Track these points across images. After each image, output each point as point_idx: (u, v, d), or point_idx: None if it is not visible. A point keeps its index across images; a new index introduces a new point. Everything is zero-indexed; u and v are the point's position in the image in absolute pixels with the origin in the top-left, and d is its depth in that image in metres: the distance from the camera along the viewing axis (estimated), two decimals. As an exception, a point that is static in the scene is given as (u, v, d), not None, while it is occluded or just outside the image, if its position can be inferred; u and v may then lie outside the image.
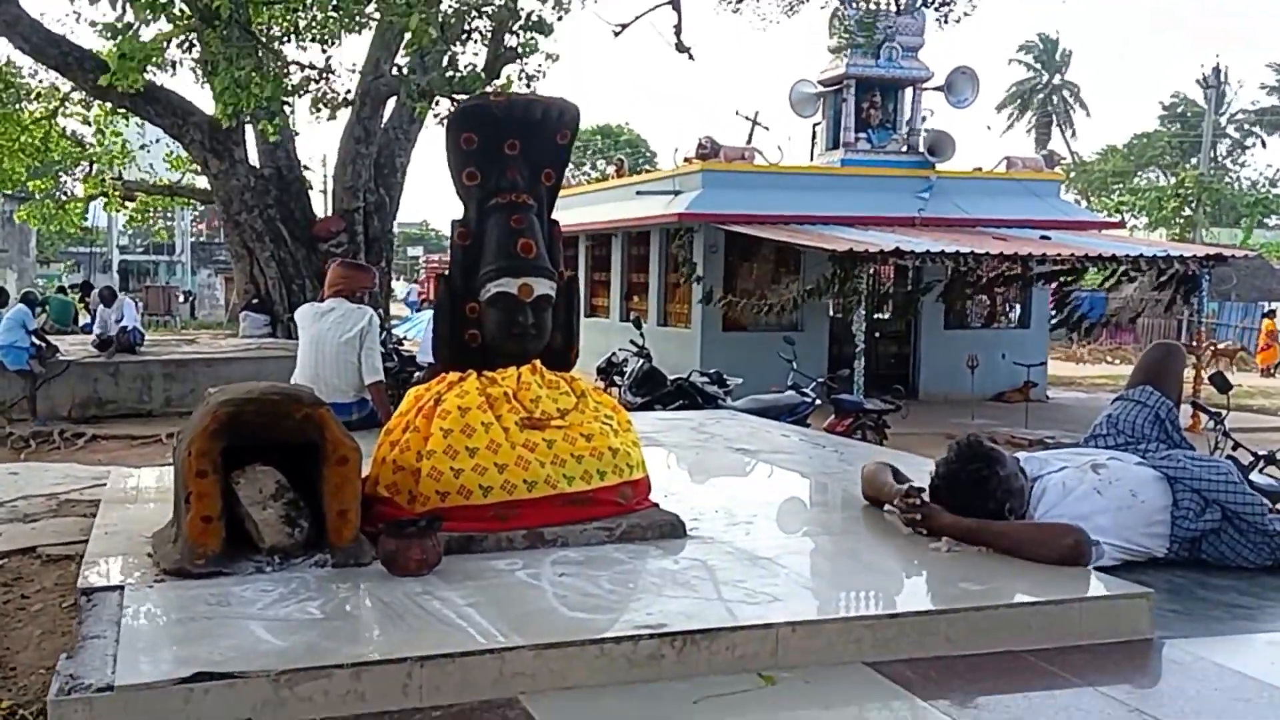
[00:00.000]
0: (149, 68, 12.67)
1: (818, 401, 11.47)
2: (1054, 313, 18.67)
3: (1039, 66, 61.41)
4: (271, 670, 2.37)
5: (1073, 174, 54.67)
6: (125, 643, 2.53)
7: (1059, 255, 15.77)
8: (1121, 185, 52.85)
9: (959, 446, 3.67)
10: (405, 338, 19.70)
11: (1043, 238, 17.09)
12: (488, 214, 3.78)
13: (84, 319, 21.00)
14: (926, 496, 3.67)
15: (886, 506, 3.84)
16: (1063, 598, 3.00)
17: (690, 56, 11.62)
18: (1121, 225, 27.61)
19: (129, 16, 12.87)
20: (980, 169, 20.00)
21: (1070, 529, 3.37)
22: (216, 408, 3.12)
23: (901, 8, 13.61)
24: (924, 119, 19.53)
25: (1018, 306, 19.53)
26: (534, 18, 14.11)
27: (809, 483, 5.02)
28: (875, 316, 18.29)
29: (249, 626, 2.65)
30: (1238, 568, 3.71)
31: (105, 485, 4.77)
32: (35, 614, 3.28)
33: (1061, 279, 17.72)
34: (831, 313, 17.89)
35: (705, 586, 3.08)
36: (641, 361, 12.63)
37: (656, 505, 3.80)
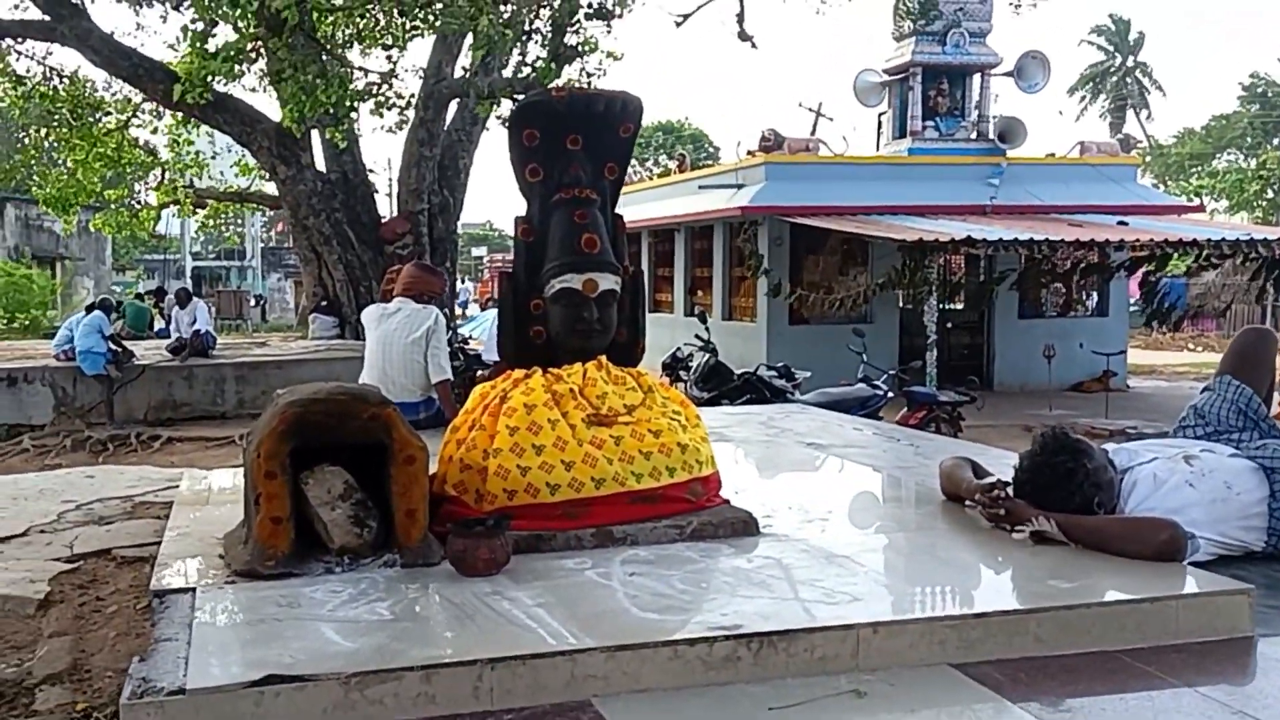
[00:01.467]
0: (217, 78, 12.84)
1: (890, 394, 11.28)
2: (1139, 302, 18.24)
3: (1111, 49, 60.14)
4: (342, 673, 2.33)
5: (1149, 158, 53.49)
6: (197, 645, 2.52)
7: (1137, 241, 15.38)
8: (1200, 168, 51.58)
9: (1044, 438, 3.54)
10: (470, 336, 19.79)
11: (1120, 223, 16.71)
12: (551, 210, 3.73)
13: (159, 324, 21.39)
14: (1010, 491, 3.55)
15: (967, 502, 3.72)
16: (1158, 595, 2.87)
17: (753, 45, 11.54)
18: (1202, 209, 26.91)
19: (198, 25, 13.09)
20: (1054, 154, 19.61)
21: (1164, 523, 3.23)
22: (284, 409, 3.10)
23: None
24: (995, 102, 19.21)
25: (1095, 294, 19.09)
26: (597, 5, 14.06)
27: (884, 478, 4.91)
28: (947, 307, 18.01)
29: (319, 628, 2.62)
30: (1340, 561, 3.54)
31: (179, 487, 4.81)
32: (110, 616, 3.29)
33: (1146, 267, 17.30)
34: (902, 304, 17.65)
35: (781, 586, 3.00)
36: (707, 356, 12.54)
37: (727, 502, 3.71)
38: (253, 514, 3.09)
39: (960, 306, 18.98)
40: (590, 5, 14.17)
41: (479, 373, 11.94)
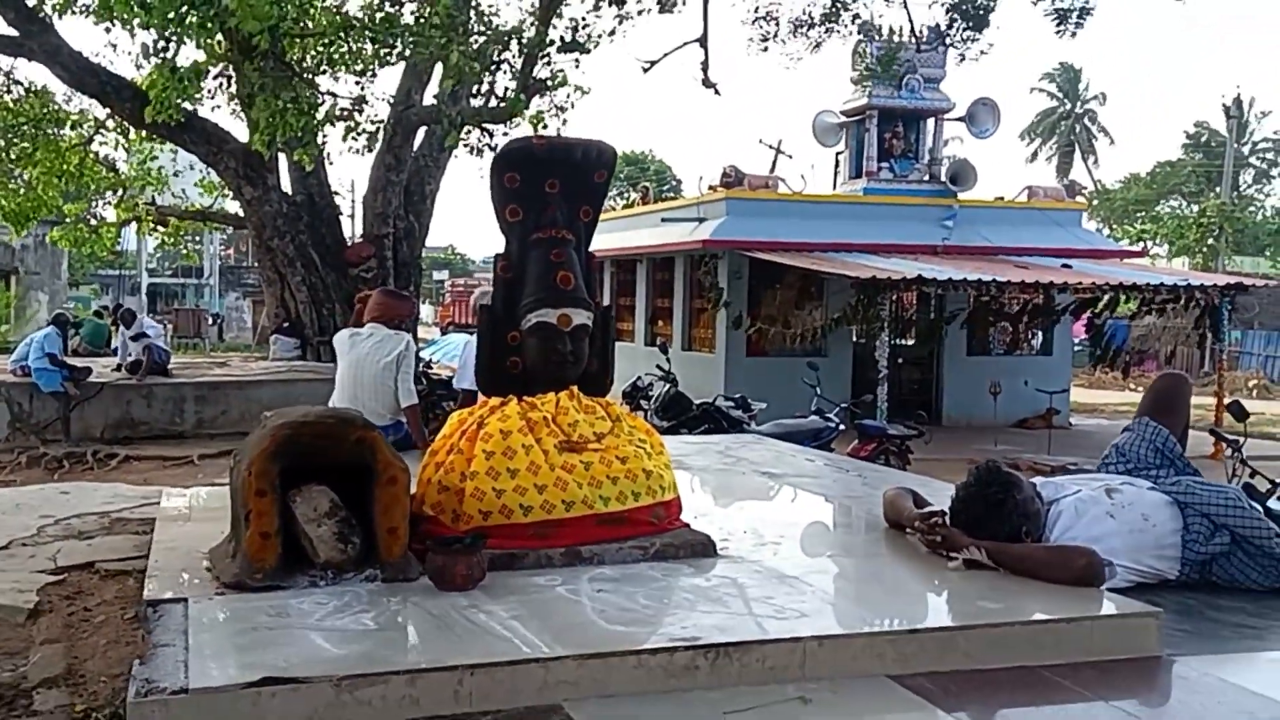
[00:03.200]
0: (186, 99, 12.94)
1: (841, 427, 11.59)
2: (1085, 342, 18.72)
3: (1061, 95, 61.49)
4: (333, 676, 2.55)
5: (1095, 201, 54.57)
6: (194, 650, 2.72)
7: (1080, 283, 15.87)
8: (1144, 213, 52.76)
9: (978, 471, 3.83)
10: (433, 360, 19.91)
11: (1064, 266, 17.21)
12: (529, 248, 3.98)
13: (116, 341, 21.30)
14: (947, 520, 3.82)
15: (908, 530, 3.99)
16: (1075, 616, 3.15)
17: (717, 92, 11.88)
18: (1144, 254, 27.66)
19: (165, 46, 13.19)
20: (1002, 198, 20.13)
21: (1084, 551, 3.52)
22: (275, 430, 3.31)
23: (921, 45, 13.82)
24: (945, 146, 19.72)
25: (1040, 334, 19.59)
26: (568, 39, 14.33)
27: (833, 506, 5.18)
28: (899, 343, 18.41)
29: (308, 636, 2.84)
30: (1247, 590, 3.84)
31: (154, 504, 4.98)
32: (99, 625, 3.47)
33: (1092, 310, 17.82)
34: (855, 339, 18.02)
35: (736, 603, 3.25)
36: (667, 386, 12.80)
37: (688, 525, 3.96)
38: (242, 529, 3.29)
39: (911, 343, 19.41)
40: (560, 39, 14.45)
41: (440, 397, 12.11)
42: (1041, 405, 17.64)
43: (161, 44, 12.58)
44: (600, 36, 15.17)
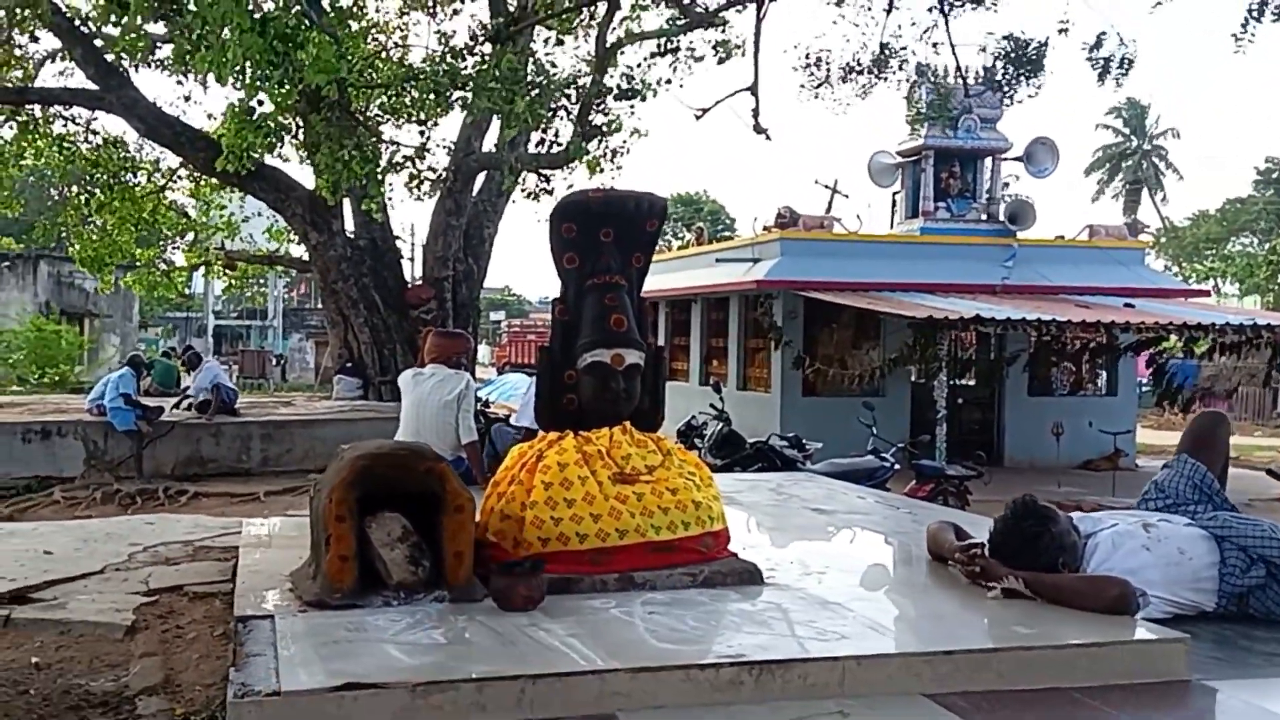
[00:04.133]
0: (264, 150, 13.45)
1: (896, 467, 11.65)
2: (1149, 383, 18.56)
3: (1128, 131, 60.93)
4: (409, 682, 2.79)
5: (1163, 239, 54.02)
6: (283, 659, 2.98)
7: (1142, 323, 15.80)
8: (1214, 251, 52.09)
9: (1015, 505, 4.00)
10: (489, 400, 20.23)
11: (1126, 305, 17.12)
12: (585, 293, 4.25)
13: (185, 381, 21.85)
14: (986, 551, 3.99)
15: (949, 561, 4.16)
16: (1105, 640, 3.31)
17: (768, 138, 12.14)
18: (1208, 294, 27.38)
19: (242, 99, 13.71)
20: (1063, 236, 20.10)
21: (1116, 581, 3.67)
22: (352, 461, 3.58)
23: (969, 91, 14.00)
24: (1005, 186, 19.78)
25: (1104, 373, 19.47)
26: (625, 87, 14.68)
27: (880, 539, 5.34)
28: (958, 383, 18.41)
29: (384, 648, 3.09)
30: (1282, 622, 3.96)
31: (233, 534, 5.29)
32: (191, 641, 3.75)
33: (1155, 350, 17.68)
34: (914, 378, 18.02)
35: (780, 625, 3.45)
36: (721, 425, 12.97)
37: (736, 555, 4.17)
38: (322, 552, 3.56)
39: (971, 383, 19.38)
40: (616, 86, 14.81)
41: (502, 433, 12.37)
42: (1106, 446, 17.49)
43: (239, 100, 13.13)
44: (656, 84, 15.55)
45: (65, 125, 18.20)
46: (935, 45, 11.61)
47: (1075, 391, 19.48)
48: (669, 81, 15.62)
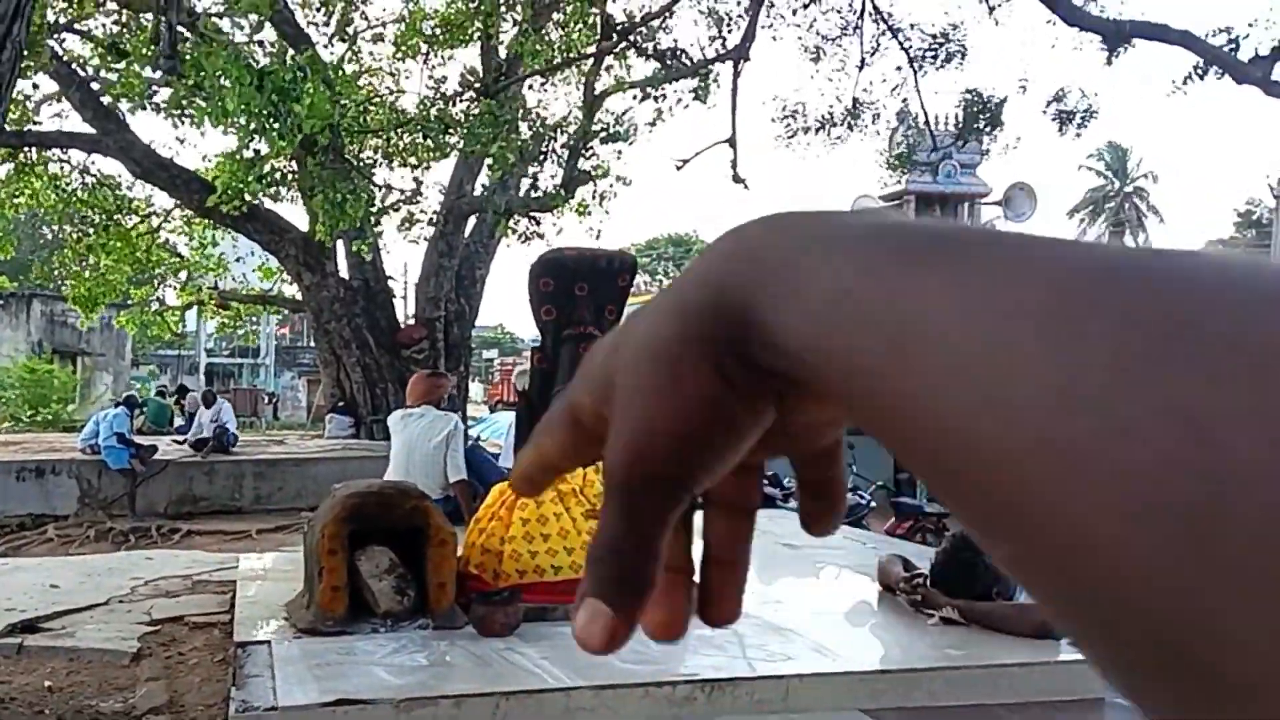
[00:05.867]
0: (259, 194, 13.78)
1: (873, 504, 11.92)
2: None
3: (1110, 173, 61.67)
4: (394, 699, 3.11)
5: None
6: (280, 679, 3.29)
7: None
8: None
9: (954, 538, 4.34)
10: (481, 436, 20.48)
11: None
12: (561, 343, 4.60)
13: (179, 420, 22.03)
14: (927, 581, 4.32)
15: (896, 591, 4.49)
16: (1028, 661, 3.63)
17: (745, 187, 12.56)
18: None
19: (236, 144, 14.10)
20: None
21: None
22: (344, 499, 3.91)
23: (936, 144, 14.52)
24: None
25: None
26: (610, 131, 15.09)
27: (841, 572, 5.67)
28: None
29: (372, 669, 3.41)
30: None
31: (229, 568, 5.59)
32: (193, 666, 4.05)
33: None
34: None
35: (733, 648, 3.77)
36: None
37: (700, 586, 4.48)
38: (316, 583, 3.87)
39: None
40: (604, 128, 15.20)
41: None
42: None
43: (235, 146, 13.49)
44: (640, 127, 15.95)
45: (60, 166, 18.50)
46: (904, 100, 12.08)
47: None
48: (651, 125, 16.02)
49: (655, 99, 15.25)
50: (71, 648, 4.31)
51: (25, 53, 13.65)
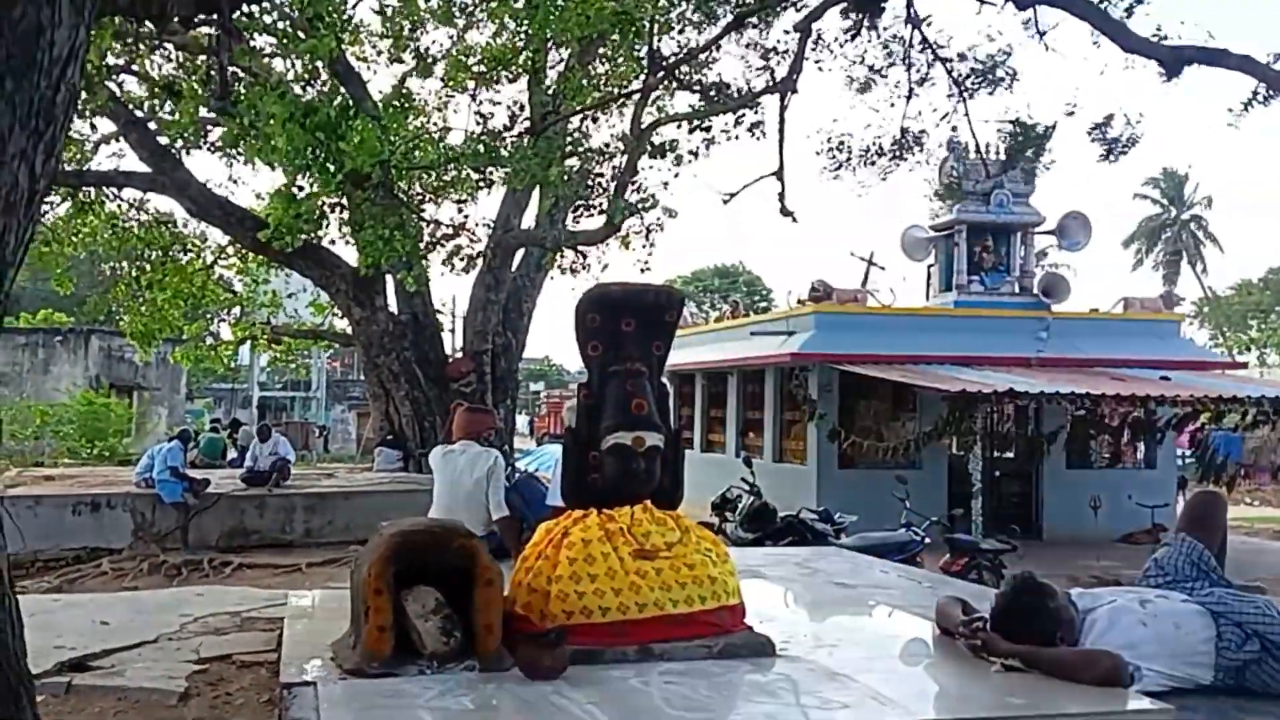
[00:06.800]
0: (305, 234, 13.91)
1: (928, 540, 11.72)
2: (1193, 454, 18.46)
3: (1166, 202, 60.71)
4: (438, 746, 3.03)
5: (1205, 309, 53.65)
6: (325, 723, 3.23)
7: (1178, 396, 15.81)
8: (1261, 320, 51.60)
9: (1015, 580, 4.21)
10: (526, 470, 20.47)
11: (1163, 378, 17.12)
12: (608, 379, 4.54)
13: (232, 454, 22.28)
14: (988, 625, 4.18)
15: (955, 635, 4.35)
16: (1095, 710, 3.49)
17: (794, 220, 12.49)
18: (1245, 365, 27.27)
19: (285, 181, 14.27)
20: (1097, 309, 20.20)
21: (1109, 655, 3.85)
22: (390, 538, 3.86)
23: (989, 172, 14.35)
24: (1039, 259, 19.94)
25: (1143, 446, 19.39)
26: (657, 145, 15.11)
27: (896, 614, 5.53)
28: (996, 455, 18.39)
29: (418, 714, 3.34)
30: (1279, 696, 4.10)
31: (279, 605, 5.56)
32: (239, 707, 4.02)
33: (1193, 425, 17.60)
34: (952, 450, 18.06)
35: (787, 695, 3.66)
36: (752, 499, 13.12)
37: (750, 628, 4.39)
38: (362, 623, 3.82)
39: (1010, 455, 19.36)
40: (651, 146, 15.18)
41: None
42: (1145, 520, 17.40)
43: (284, 185, 13.66)
44: (687, 155, 15.93)
45: (118, 204, 18.85)
46: (954, 128, 11.96)
47: (1114, 464, 19.41)
48: (695, 155, 16.01)
49: (702, 129, 15.23)
50: (120, 687, 4.29)
51: (84, 94, 13.96)
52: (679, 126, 15.75)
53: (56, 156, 3.60)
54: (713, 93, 13.41)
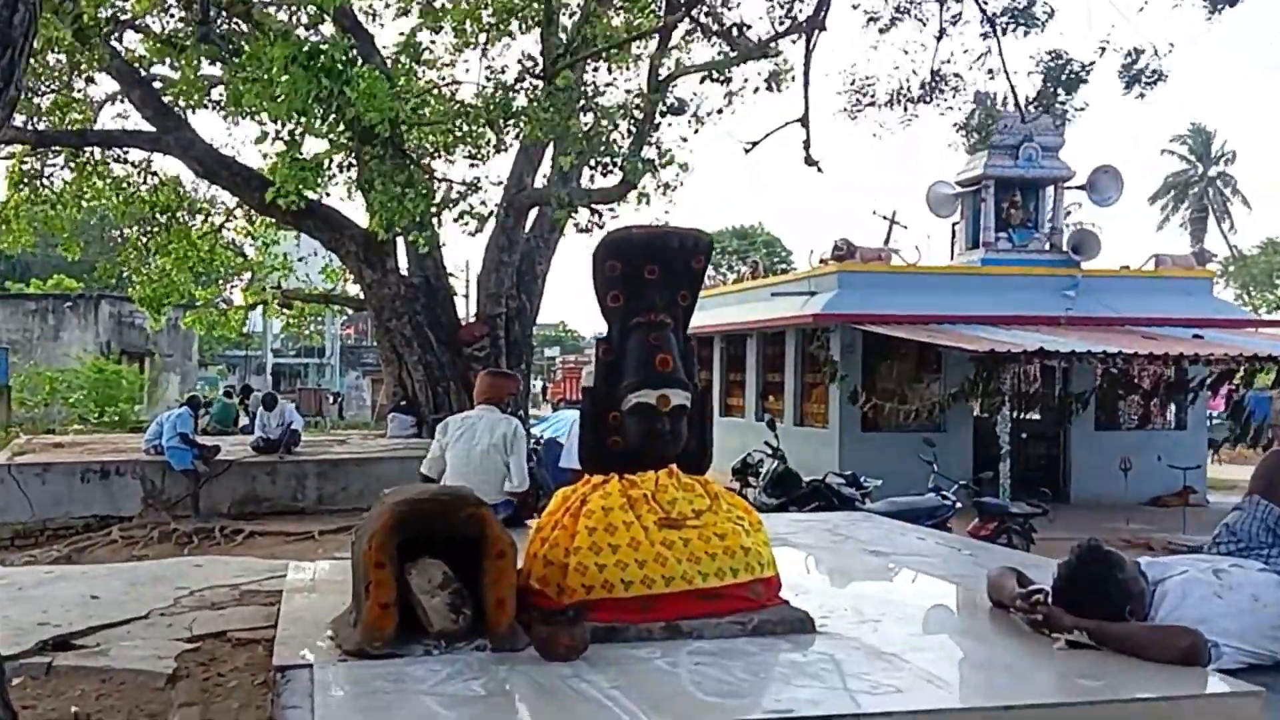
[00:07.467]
0: (310, 189, 13.59)
1: (958, 505, 11.41)
2: (1224, 414, 18.06)
3: (1193, 158, 59.68)
4: (444, 740, 2.69)
5: (1231, 268, 52.90)
6: (320, 714, 2.90)
7: (1212, 355, 15.40)
8: (1288, 278, 50.94)
9: (1079, 550, 3.83)
10: (542, 436, 20.20)
11: (1195, 336, 16.72)
12: (629, 332, 4.15)
13: (244, 421, 22.09)
14: (1049, 599, 3.82)
15: (1011, 609, 3.99)
16: (1177, 694, 3.13)
17: (819, 170, 12.04)
18: (1279, 324, 26.73)
19: (288, 135, 13.90)
20: (1128, 266, 19.74)
21: (1187, 631, 3.49)
22: (393, 507, 3.52)
23: (1025, 116, 13.85)
24: (1068, 215, 19.47)
25: (1173, 407, 18.97)
26: (674, 102, 14.65)
27: (940, 584, 5.16)
28: (1024, 417, 18.04)
29: (423, 701, 3.00)
30: (1367, 671, 3.74)
31: (280, 577, 5.24)
32: (231, 690, 3.69)
33: (1228, 385, 17.18)
34: (977, 413, 17.69)
35: (832, 678, 3.30)
36: (776, 463, 12.79)
37: (787, 602, 4.03)
38: (363, 600, 3.48)
39: (1036, 417, 18.98)
40: (667, 104, 14.75)
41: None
42: (1176, 482, 17.04)
43: (286, 135, 13.28)
44: (708, 114, 15.49)
45: (124, 167, 18.58)
46: (990, 73, 11.47)
47: (1143, 425, 18.97)
48: (720, 111, 15.56)
49: (723, 81, 14.76)
50: (104, 668, 3.98)
51: (81, 49, 13.57)
52: (701, 82, 15.31)
53: (17, 84, 3.26)
54: (734, 33, 12.89)
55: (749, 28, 13.12)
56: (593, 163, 15.17)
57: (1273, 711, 3.20)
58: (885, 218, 22.25)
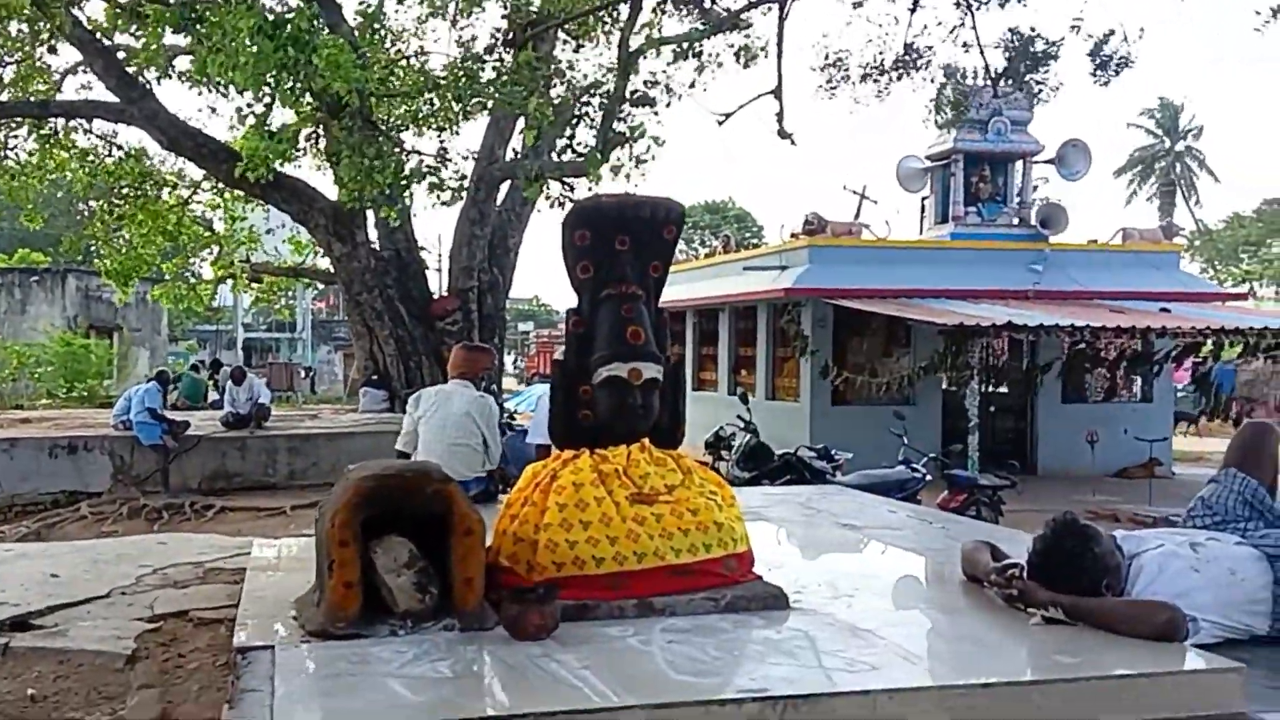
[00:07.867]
0: (281, 160, 13.41)
1: (929, 477, 11.46)
2: (1190, 388, 18.21)
3: (1160, 132, 59.95)
4: (410, 722, 2.62)
5: (1198, 242, 53.25)
6: (280, 696, 2.82)
7: (1179, 328, 15.50)
8: (1254, 253, 51.31)
9: (1055, 523, 3.78)
10: (516, 411, 20.11)
11: (1162, 310, 16.83)
12: (600, 304, 4.06)
13: (213, 396, 21.87)
14: (1024, 573, 3.78)
15: (985, 583, 3.95)
16: (1154, 671, 3.10)
17: (793, 143, 11.95)
18: (1245, 297, 26.93)
19: (259, 108, 13.69)
20: (1095, 241, 19.81)
21: (1165, 606, 3.46)
22: (357, 483, 3.42)
23: (997, 91, 13.79)
24: (1036, 189, 19.50)
25: (1139, 380, 19.11)
26: (641, 94, 14.54)
27: (912, 558, 5.13)
28: (991, 390, 18.12)
29: (388, 683, 2.92)
30: (1343, 646, 3.72)
31: (246, 554, 5.14)
32: (192, 671, 3.61)
33: (1194, 357, 17.30)
34: (945, 386, 17.77)
35: (806, 655, 3.25)
36: (748, 437, 12.79)
37: (760, 578, 3.97)
38: (326, 579, 3.40)
39: (1004, 390, 19.08)
40: (637, 92, 14.66)
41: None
42: (1142, 454, 17.20)
43: (255, 106, 13.08)
44: (679, 90, 15.38)
45: (89, 139, 18.27)
46: (965, 46, 11.40)
47: (1110, 398, 19.14)
48: (692, 86, 15.45)
49: (694, 55, 14.64)
50: (62, 649, 3.88)
51: (40, 17, 13.23)
52: (673, 61, 15.17)
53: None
54: (706, 2, 12.77)
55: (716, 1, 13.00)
56: (557, 142, 15.05)
57: (1249, 686, 3.17)
58: (855, 192, 22.25)
